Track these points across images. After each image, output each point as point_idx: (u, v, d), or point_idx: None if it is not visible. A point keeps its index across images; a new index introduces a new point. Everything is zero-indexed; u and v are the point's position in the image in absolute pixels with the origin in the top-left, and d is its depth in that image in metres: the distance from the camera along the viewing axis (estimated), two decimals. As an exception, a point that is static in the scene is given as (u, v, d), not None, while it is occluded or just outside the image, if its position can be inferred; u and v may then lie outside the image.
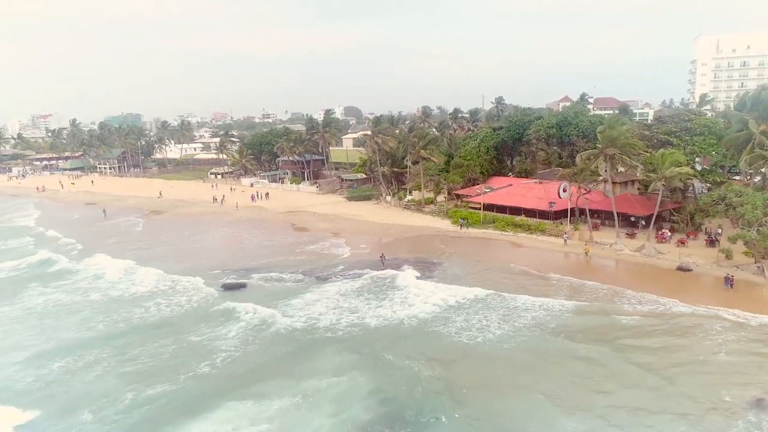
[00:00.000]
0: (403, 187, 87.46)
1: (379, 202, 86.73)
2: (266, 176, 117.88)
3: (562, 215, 63.00)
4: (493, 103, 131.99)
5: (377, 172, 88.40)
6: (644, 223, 57.66)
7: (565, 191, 61.98)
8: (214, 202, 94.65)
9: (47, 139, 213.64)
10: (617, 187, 63.87)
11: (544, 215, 64.59)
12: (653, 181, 51.89)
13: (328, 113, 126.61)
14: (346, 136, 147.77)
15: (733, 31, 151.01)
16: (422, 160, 77.92)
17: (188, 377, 31.67)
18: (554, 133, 79.02)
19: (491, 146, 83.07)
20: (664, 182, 50.88)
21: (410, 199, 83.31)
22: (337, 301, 43.06)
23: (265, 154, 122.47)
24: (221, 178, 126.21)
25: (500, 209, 69.22)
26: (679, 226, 57.84)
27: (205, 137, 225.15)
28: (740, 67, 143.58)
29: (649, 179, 53.99)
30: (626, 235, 57.32)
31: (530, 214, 66.10)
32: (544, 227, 62.23)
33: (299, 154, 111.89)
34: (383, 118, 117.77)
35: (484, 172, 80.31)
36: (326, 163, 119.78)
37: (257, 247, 63.26)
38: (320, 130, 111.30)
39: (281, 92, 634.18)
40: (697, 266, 47.81)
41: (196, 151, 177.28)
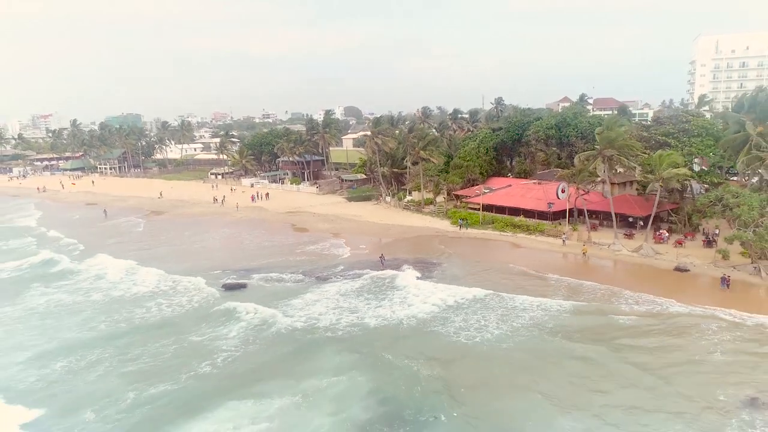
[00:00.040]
0: (402, 187, 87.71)
1: (378, 202, 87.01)
2: (266, 177, 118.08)
3: (560, 216, 63.32)
4: (492, 103, 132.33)
5: (377, 172, 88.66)
6: (642, 223, 57.94)
7: (563, 192, 62.30)
8: (214, 202, 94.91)
9: (48, 139, 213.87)
10: (616, 187, 64.11)
11: (542, 216, 64.89)
12: (651, 182, 52.19)
13: (328, 114, 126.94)
14: (346, 136, 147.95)
15: (733, 31, 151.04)
16: (422, 160, 78.29)
17: (189, 377, 31.95)
18: (553, 134, 79.40)
19: (490, 147, 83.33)
20: (661, 183, 51.20)
21: (410, 199, 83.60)
22: (337, 301, 43.35)
23: (265, 154, 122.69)
24: (221, 178, 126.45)
25: (499, 210, 69.53)
26: (676, 226, 58.14)
27: (205, 137, 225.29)
28: (739, 67, 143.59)
29: (647, 180, 54.31)
30: (624, 235, 57.65)
31: (529, 214, 66.41)
32: (542, 228, 62.53)
33: (299, 154, 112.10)
34: (383, 118, 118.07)
35: (483, 172, 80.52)
36: (326, 163, 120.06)
37: (257, 247, 63.55)
38: (320, 130, 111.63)
39: (281, 92, 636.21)
40: (694, 266, 48.12)
41: (196, 151, 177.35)
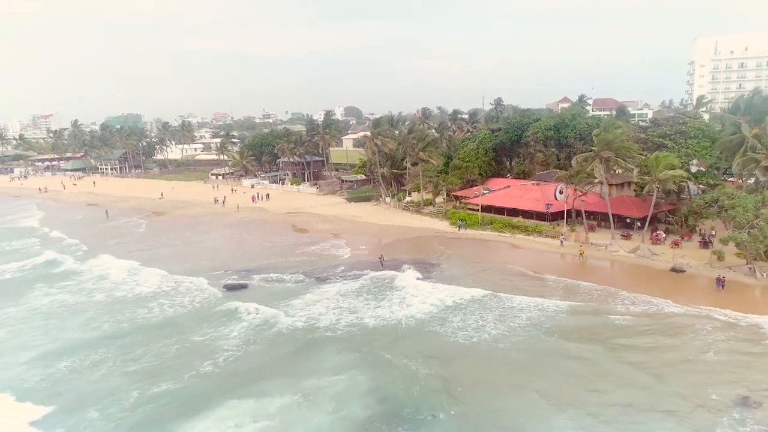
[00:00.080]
0: (402, 188, 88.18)
1: (378, 203, 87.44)
2: (267, 177, 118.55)
3: (558, 217, 63.77)
4: (492, 104, 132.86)
5: (377, 173, 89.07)
6: (640, 224, 58.37)
7: (561, 193, 62.77)
8: (215, 203, 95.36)
9: (49, 139, 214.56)
10: (613, 189, 64.51)
11: (541, 217, 65.31)
12: (648, 183, 52.64)
13: (328, 114, 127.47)
14: (346, 136, 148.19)
15: (734, 31, 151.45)
16: (421, 161, 78.77)
17: (191, 376, 32.44)
18: (552, 135, 79.84)
19: (490, 148, 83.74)
20: (658, 185, 51.67)
21: (409, 200, 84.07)
22: (336, 301, 43.84)
23: (265, 155, 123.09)
24: (222, 179, 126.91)
25: (498, 211, 69.97)
26: (673, 227, 58.61)
27: (205, 137, 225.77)
28: (738, 68, 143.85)
29: (644, 182, 54.76)
30: (621, 236, 58.13)
31: (527, 215, 66.86)
32: (541, 229, 63.00)
33: (300, 155, 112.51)
34: (383, 119, 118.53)
35: (482, 173, 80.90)
36: (326, 164, 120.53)
37: (258, 248, 64.07)
38: (320, 131, 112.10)
39: (281, 92, 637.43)
40: (690, 267, 48.61)
41: (196, 151, 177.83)
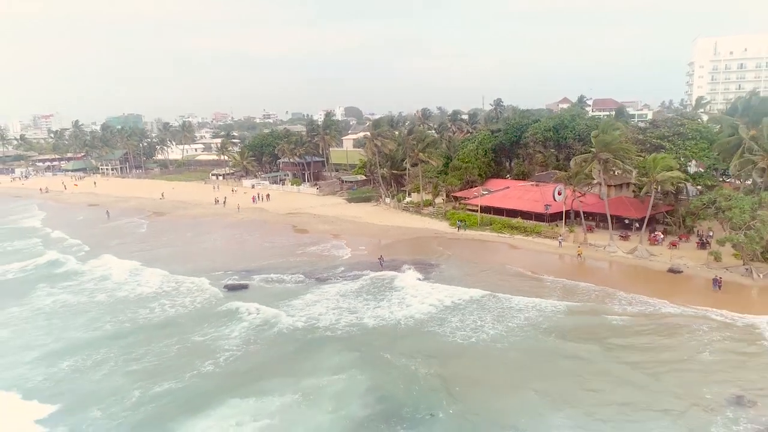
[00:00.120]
0: (402, 189, 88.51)
1: (378, 203, 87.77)
2: (267, 178, 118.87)
3: (557, 217, 64.13)
4: (491, 105, 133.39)
5: (377, 174, 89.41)
6: (638, 225, 58.74)
7: (560, 194, 63.14)
8: (215, 203, 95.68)
9: (50, 140, 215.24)
10: (612, 189, 64.80)
11: (540, 217, 65.64)
12: (645, 184, 52.99)
13: (328, 115, 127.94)
14: (346, 137, 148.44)
15: (734, 32, 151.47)
16: (421, 162, 79.17)
17: (193, 375, 32.83)
18: (551, 136, 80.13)
19: (489, 149, 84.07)
20: (655, 186, 52.03)
21: (409, 201, 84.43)
22: (336, 301, 44.22)
23: (266, 155, 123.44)
24: (222, 179, 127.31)
25: (497, 211, 70.30)
26: (671, 228, 58.95)
27: (206, 138, 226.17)
28: (737, 69, 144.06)
29: (642, 183, 55.11)
30: (620, 237, 58.49)
31: (526, 216, 67.19)
32: (539, 229, 63.36)
33: (300, 155, 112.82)
34: (383, 119, 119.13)
35: (482, 174, 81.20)
36: (326, 164, 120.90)
37: (259, 248, 64.45)
38: (321, 132, 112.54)
39: (281, 92, 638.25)
40: (687, 268, 48.96)
41: (197, 152, 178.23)
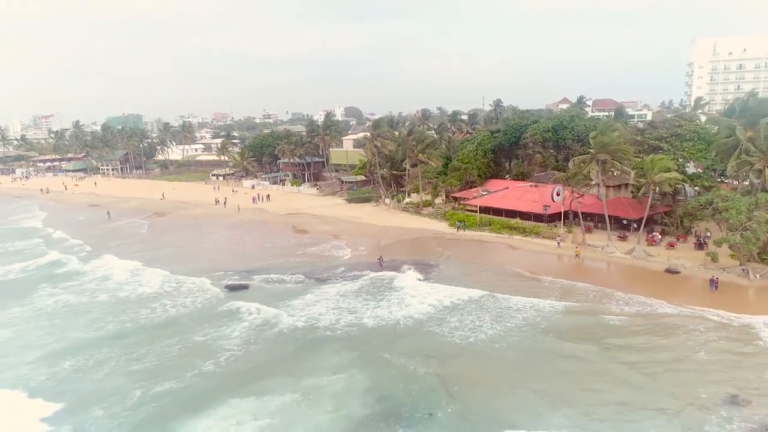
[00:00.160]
0: (401, 189, 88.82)
1: (378, 204, 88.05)
2: (267, 178, 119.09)
3: (556, 218, 64.46)
4: (491, 105, 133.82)
5: (376, 174, 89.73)
6: (636, 226, 59.06)
7: (558, 195, 63.45)
8: (216, 204, 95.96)
9: (50, 140, 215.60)
10: (611, 190, 65.11)
11: (538, 218, 65.96)
12: (643, 185, 53.31)
13: (328, 116, 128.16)
14: (346, 137, 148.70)
15: (734, 33, 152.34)
16: (420, 163, 79.51)
17: (194, 375, 33.14)
18: (550, 136, 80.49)
19: (489, 149, 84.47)
20: (653, 187, 52.34)
21: (409, 201, 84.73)
22: (336, 301, 44.53)
23: (266, 156, 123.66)
24: (223, 179, 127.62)
25: (496, 212, 70.61)
26: (669, 229, 59.28)
27: (206, 138, 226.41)
28: (736, 70, 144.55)
29: (639, 183, 55.44)
30: (618, 237, 58.81)
31: (525, 217, 67.48)
32: (538, 230, 63.66)
33: (300, 156, 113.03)
34: (383, 120, 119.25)
35: (481, 174, 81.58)
36: (326, 165, 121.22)
37: (259, 248, 64.75)
38: (321, 132, 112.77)
39: (281, 92, 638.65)
40: (684, 268, 49.28)
41: (197, 152, 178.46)
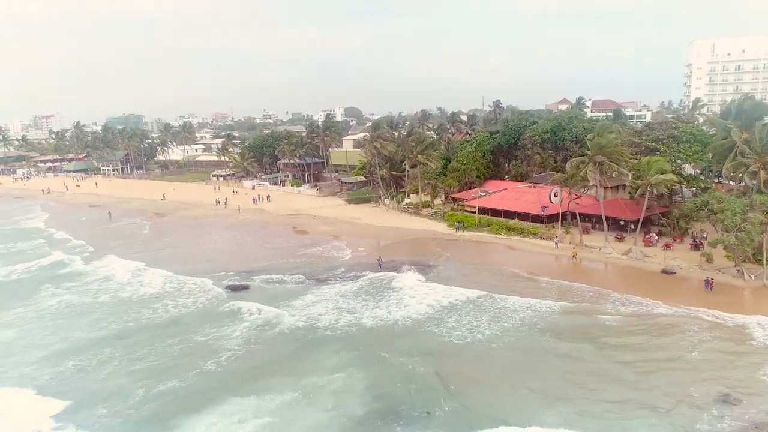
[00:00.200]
0: (401, 190, 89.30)
1: (377, 205, 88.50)
2: (267, 179, 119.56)
3: (554, 219, 64.93)
4: (491, 106, 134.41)
5: (376, 175, 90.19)
6: (633, 227, 59.50)
7: (556, 196, 63.96)
8: (216, 204, 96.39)
9: (51, 140, 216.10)
10: (608, 191, 65.59)
11: (536, 219, 66.50)
12: (640, 186, 53.82)
13: (328, 117, 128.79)
14: (346, 137, 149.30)
15: (736, 33, 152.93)
16: (420, 164, 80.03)
17: (195, 374, 33.65)
18: (549, 138, 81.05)
19: (488, 150, 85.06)
20: (649, 188, 52.85)
21: (408, 202, 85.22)
22: (336, 302, 45.04)
23: (266, 156, 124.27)
24: (223, 180, 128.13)
25: (495, 213, 71.10)
26: (666, 230, 59.77)
27: (206, 138, 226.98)
28: (735, 71, 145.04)
29: (636, 185, 55.94)
30: (615, 238, 59.31)
31: (524, 217, 68.01)
32: (536, 231, 64.17)
33: (300, 157, 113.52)
34: (382, 120, 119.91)
35: (480, 175, 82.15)
36: (326, 165, 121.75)
37: (259, 249, 65.27)
38: (321, 133, 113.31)
39: (281, 92, 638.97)
40: (680, 269, 49.81)
41: (197, 152, 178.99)
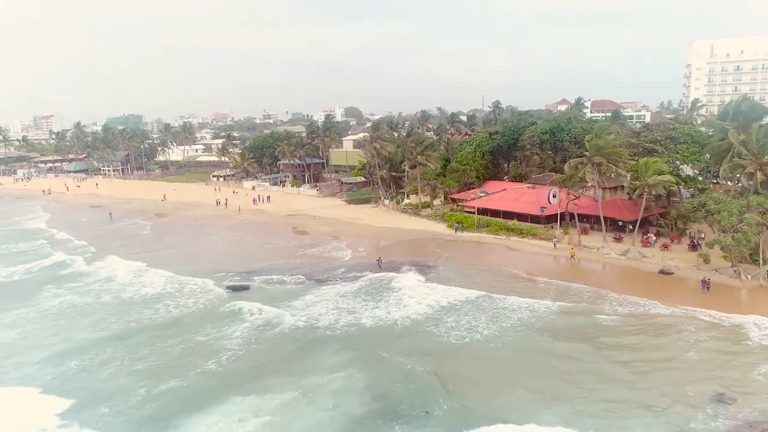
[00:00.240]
0: (401, 190, 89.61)
1: (377, 205, 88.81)
2: (267, 179, 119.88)
3: (552, 220, 65.26)
4: (490, 106, 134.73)
5: (376, 176, 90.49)
6: (631, 227, 59.84)
7: (554, 197, 64.28)
8: (217, 205, 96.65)
9: (51, 141, 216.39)
10: (607, 192, 65.95)
11: (535, 220, 66.83)
12: (637, 187, 54.15)
13: (328, 117, 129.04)
14: (346, 137, 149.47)
15: (736, 34, 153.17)
16: (419, 164, 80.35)
17: (196, 374, 33.99)
18: (548, 138, 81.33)
19: (487, 151, 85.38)
20: (647, 189, 53.17)
21: (408, 202, 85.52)
22: (336, 302, 45.37)
23: (266, 157, 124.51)
24: (223, 180, 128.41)
25: (494, 213, 71.44)
26: (664, 230, 60.11)
27: (206, 138, 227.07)
28: (734, 71, 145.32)
29: (634, 186, 56.27)
30: (613, 239, 59.65)
31: (522, 218, 68.34)
32: (535, 231, 64.47)
33: (300, 157, 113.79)
34: (382, 120, 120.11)
35: (479, 176, 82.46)
36: (326, 166, 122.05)
37: (260, 250, 65.57)
38: (320, 134, 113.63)
39: (281, 92, 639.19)
40: (678, 269, 50.14)
41: (198, 153, 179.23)
